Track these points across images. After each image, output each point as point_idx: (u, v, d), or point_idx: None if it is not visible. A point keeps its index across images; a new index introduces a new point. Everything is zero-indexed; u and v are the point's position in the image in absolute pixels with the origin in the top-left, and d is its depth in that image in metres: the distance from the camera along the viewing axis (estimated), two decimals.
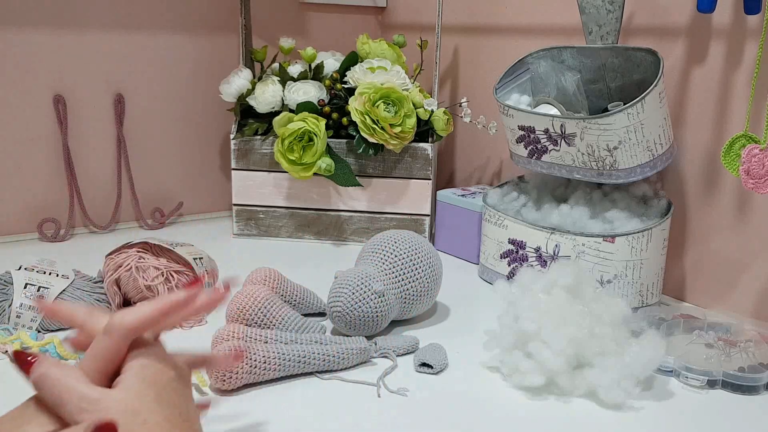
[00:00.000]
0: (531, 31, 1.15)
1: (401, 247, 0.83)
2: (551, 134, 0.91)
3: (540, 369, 0.69)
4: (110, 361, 0.46)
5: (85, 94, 1.17)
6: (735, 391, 0.71)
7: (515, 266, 0.96)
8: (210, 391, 0.68)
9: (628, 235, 0.86)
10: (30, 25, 1.11)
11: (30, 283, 0.80)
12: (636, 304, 0.88)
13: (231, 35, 1.29)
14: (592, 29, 0.93)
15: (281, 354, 0.70)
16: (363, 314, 0.78)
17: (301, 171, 1.10)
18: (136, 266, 0.83)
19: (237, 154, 1.16)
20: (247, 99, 1.15)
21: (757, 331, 0.79)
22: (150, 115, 1.25)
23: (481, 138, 1.27)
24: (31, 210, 1.16)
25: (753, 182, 0.77)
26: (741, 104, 0.86)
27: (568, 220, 0.93)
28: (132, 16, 1.19)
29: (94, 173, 1.20)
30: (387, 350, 0.76)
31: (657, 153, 0.87)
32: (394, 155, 1.14)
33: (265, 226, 1.19)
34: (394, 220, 1.17)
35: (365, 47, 1.18)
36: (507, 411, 0.67)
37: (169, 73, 1.25)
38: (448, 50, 1.32)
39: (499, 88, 1.00)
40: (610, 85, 0.97)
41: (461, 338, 0.82)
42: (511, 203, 1.02)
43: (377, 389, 0.70)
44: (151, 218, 1.25)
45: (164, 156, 1.28)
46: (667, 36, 0.94)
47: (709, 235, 0.92)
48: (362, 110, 1.07)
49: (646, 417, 0.66)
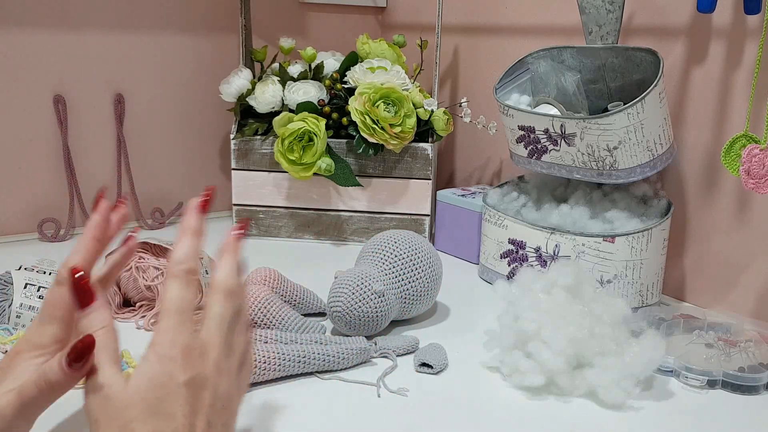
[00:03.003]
0: (531, 31, 1.15)
1: (401, 247, 0.83)
2: (551, 134, 0.91)
3: (540, 369, 0.69)
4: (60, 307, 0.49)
5: (85, 94, 1.17)
6: (735, 391, 0.71)
7: (515, 266, 0.96)
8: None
9: (628, 235, 0.86)
10: (30, 25, 1.11)
11: (30, 283, 0.80)
12: (636, 304, 0.88)
13: (231, 35, 1.29)
14: (592, 29, 0.93)
15: (281, 354, 0.70)
16: (363, 314, 0.78)
17: (301, 171, 1.10)
18: (136, 266, 0.83)
19: (237, 154, 1.16)
20: (247, 99, 1.15)
21: (757, 331, 0.79)
22: (150, 115, 1.25)
23: (481, 138, 1.27)
24: (31, 210, 1.16)
25: (753, 182, 0.77)
26: (741, 104, 0.86)
27: (568, 220, 0.93)
28: (132, 16, 1.19)
29: (94, 173, 1.20)
30: (387, 350, 0.76)
31: (657, 153, 0.87)
32: (394, 155, 1.14)
33: (265, 226, 1.19)
34: (394, 220, 1.17)
35: (365, 47, 1.18)
36: (507, 411, 0.67)
37: (169, 73, 1.25)
38: (448, 50, 1.32)
39: (499, 88, 1.00)
40: (610, 85, 0.97)
41: (461, 338, 0.82)
42: (511, 203, 1.02)
43: (377, 389, 0.70)
44: (151, 218, 1.25)
45: (164, 156, 1.28)
46: (667, 36, 0.94)
47: (709, 235, 0.92)
48: (362, 110, 1.07)
49: (646, 417, 0.66)
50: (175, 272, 0.48)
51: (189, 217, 0.51)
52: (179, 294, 0.47)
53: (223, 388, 0.46)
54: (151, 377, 0.43)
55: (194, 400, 0.44)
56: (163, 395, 0.43)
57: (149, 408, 0.42)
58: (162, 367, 0.44)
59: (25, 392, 0.45)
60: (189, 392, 0.44)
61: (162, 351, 0.44)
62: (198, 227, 0.51)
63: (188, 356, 0.45)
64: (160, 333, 0.45)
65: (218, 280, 0.50)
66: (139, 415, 0.42)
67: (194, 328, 0.46)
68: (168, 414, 0.43)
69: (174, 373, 0.44)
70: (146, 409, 0.42)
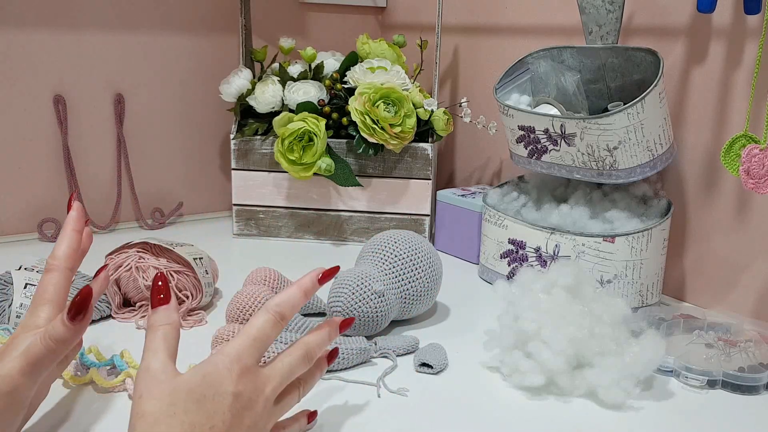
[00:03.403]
0: (531, 31, 1.15)
1: (401, 247, 0.83)
2: (551, 134, 0.91)
3: (540, 369, 0.69)
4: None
5: (85, 94, 1.17)
6: (735, 391, 0.71)
7: (515, 266, 0.96)
8: None
9: (628, 235, 0.86)
10: (30, 25, 1.11)
11: (30, 283, 0.80)
12: (636, 304, 0.88)
13: (231, 35, 1.29)
14: (592, 29, 0.93)
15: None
16: (363, 314, 0.78)
17: (301, 171, 1.10)
18: (136, 266, 0.83)
19: (237, 154, 1.16)
20: (247, 99, 1.15)
21: (757, 331, 0.79)
22: (150, 115, 1.25)
23: (481, 138, 1.27)
24: (31, 210, 1.16)
25: (753, 182, 0.77)
26: (741, 104, 0.86)
27: (568, 220, 0.93)
28: (132, 16, 1.19)
29: (94, 173, 1.20)
30: (387, 350, 0.76)
31: (657, 153, 0.87)
32: (394, 155, 1.14)
33: (265, 226, 1.19)
34: (394, 220, 1.17)
35: (365, 47, 1.18)
36: (507, 411, 0.67)
37: (169, 73, 1.25)
38: (448, 50, 1.32)
39: (499, 88, 1.00)
40: (610, 85, 0.97)
41: (461, 338, 0.82)
42: (511, 203, 1.02)
43: (377, 389, 0.70)
44: (151, 218, 1.25)
45: (164, 156, 1.28)
46: (667, 36, 0.94)
47: (709, 235, 0.92)
48: (362, 110, 1.07)
49: (646, 417, 0.66)
50: (270, 309, 0.53)
51: (309, 276, 0.56)
52: (264, 326, 0.52)
53: (263, 422, 0.51)
54: (206, 375, 0.48)
55: (237, 412, 0.48)
56: (210, 394, 0.47)
57: (194, 399, 0.46)
58: (218, 370, 0.48)
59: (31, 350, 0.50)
60: (234, 403, 0.47)
61: (225, 359, 0.49)
62: (310, 289, 0.56)
63: (245, 375, 0.49)
64: (231, 345, 0.50)
65: (308, 342, 0.56)
66: (183, 403, 0.45)
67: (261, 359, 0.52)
68: (209, 412, 0.46)
69: (227, 380, 0.48)
70: (191, 400, 0.46)
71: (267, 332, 0.52)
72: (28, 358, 0.50)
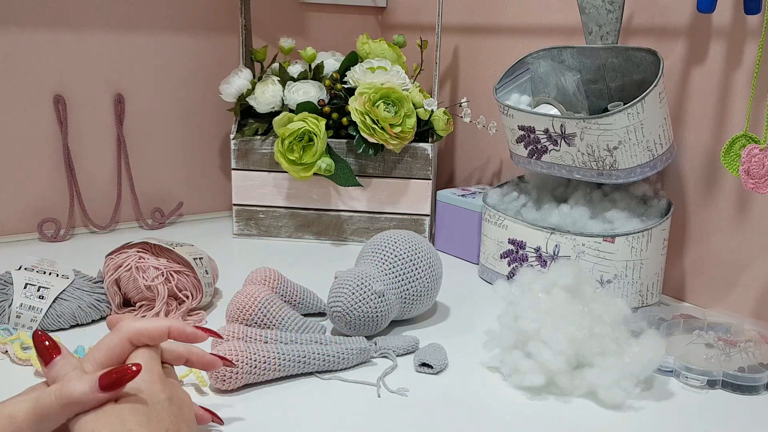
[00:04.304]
0: (531, 31, 1.15)
1: (401, 247, 0.83)
2: (551, 134, 0.91)
3: (540, 369, 0.69)
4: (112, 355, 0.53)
5: (85, 94, 1.17)
6: (735, 391, 0.71)
7: (515, 266, 0.96)
8: (210, 390, 0.68)
9: (628, 235, 0.86)
10: (30, 25, 1.11)
11: (30, 283, 0.80)
12: (636, 304, 0.88)
13: (231, 35, 1.29)
14: (592, 29, 0.93)
15: (281, 354, 0.70)
16: (363, 314, 0.78)
17: (301, 171, 1.10)
18: (136, 266, 0.83)
19: (237, 154, 1.16)
20: (247, 99, 1.15)
21: (757, 331, 0.79)
22: (150, 115, 1.25)
23: (481, 138, 1.27)
24: (31, 210, 1.16)
25: (753, 182, 0.77)
26: (741, 104, 0.86)
27: (568, 220, 0.93)
28: (132, 16, 1.19)
29: (94, 173, 1.20)
30: (387, 350, 0.76)
31: (657, 153, 0.87)
32: (394, 155, 1.14)
33: (265, 226, 1.19)
34: (394, 220, 1.17)
35: (365, 47, 1.18)
36: (507, 411, 0.67)
37: (169, 73, 1.25)
38: (448, 50, 1.32)
39: (499, 88, 1.00)
40: (610, 85, 0.97)
41: (461, 338, 0.82)
42: (511, 203, 1.02)
43: (377, 389, 0.70)
44: (151, 218, 1.25)
45: (164, 156, 1.28)
46: (667, 36, 0.94)
47: (709, 235, 0.92)
48: (362, 110, 1.07)
49: (646, 417, 0.66)
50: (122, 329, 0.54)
51: (186, 326, 0.58)
52: (146, 356, 0.54)
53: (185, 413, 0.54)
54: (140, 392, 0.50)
55: (177, 411, 0.52)
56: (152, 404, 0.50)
57: (144, 415, 0.49)
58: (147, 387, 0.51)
59: (41, 401, 0.48)
60: (171, 406, 0.51)
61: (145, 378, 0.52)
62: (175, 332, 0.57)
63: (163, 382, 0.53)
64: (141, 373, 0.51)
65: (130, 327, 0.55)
66: (137, 422, 0.48)
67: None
68: (159, 419, 0.50)
69: (157, 391, 0.51)
70: (142, 416, 0.49)
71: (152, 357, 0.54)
72: (36, 408, 0.47)
